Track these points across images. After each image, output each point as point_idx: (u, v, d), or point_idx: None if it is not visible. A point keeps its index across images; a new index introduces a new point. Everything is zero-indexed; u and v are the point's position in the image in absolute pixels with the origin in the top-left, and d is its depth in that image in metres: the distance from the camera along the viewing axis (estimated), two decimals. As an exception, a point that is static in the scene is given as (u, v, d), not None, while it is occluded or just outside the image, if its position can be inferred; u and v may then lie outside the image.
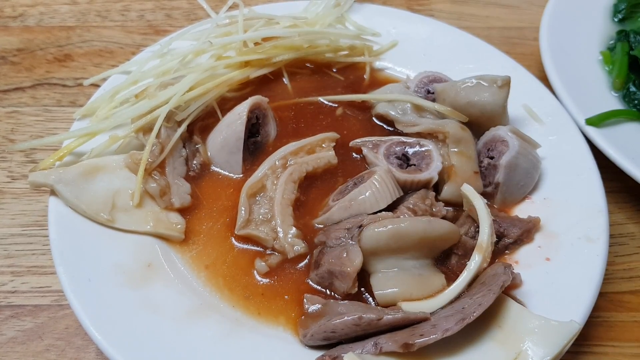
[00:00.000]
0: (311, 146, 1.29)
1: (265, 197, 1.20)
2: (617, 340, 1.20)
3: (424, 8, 1.92)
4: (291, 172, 1.22)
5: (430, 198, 1.19)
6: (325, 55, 1.53)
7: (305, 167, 1.25)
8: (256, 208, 1.19)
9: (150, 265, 1.11)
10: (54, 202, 1.14)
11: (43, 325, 1.17)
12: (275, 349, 1.03)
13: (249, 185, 1.20)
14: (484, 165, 1.26)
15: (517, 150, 1.22)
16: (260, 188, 1.21)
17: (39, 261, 1.26)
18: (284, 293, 1.12)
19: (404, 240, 1.07)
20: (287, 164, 1.24)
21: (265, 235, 1.16)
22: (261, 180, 1.22)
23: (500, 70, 1.44)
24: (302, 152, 1.27)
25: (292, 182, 1.22)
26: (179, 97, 1.26)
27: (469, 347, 0.98)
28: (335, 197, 1.22)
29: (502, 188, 1.23)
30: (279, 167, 1.23)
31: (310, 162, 1.26)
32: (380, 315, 0.99)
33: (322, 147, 1.30)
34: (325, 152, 1.29)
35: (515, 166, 1.22)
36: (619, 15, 1.72)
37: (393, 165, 1.23)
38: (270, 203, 1.19)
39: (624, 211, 1.42)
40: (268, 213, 1.18)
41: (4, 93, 1.58)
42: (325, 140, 1.31)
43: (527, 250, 1.17)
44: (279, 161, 1.24)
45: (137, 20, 1.81)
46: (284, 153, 1.26)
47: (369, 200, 1.15)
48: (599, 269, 1.11)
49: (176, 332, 1.02)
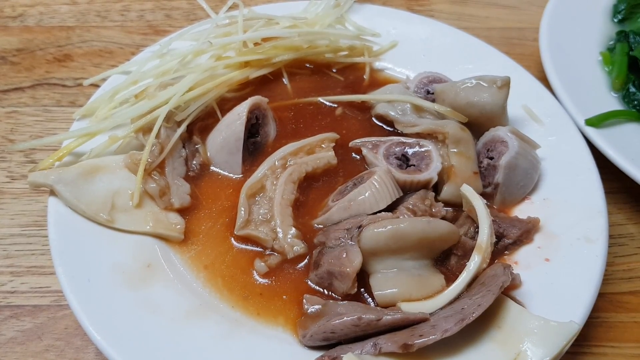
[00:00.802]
0: (310, 147, 1.29)
1: (265, 198, 1.20)
2: (616, 341, 1.20)
3: (424, 8, 1.92)
4: (291, 173, 1.22)
5: (429, 198, 1.19)
6: (325, 56, 1.53)
7: (304, 168, 1.25)
8: (255, 208, 1.19)
9: (150, 265, 1.11)
10: (54, 202, 1.14)
11: (42, 325, 1.17)
12: (275, 349, 1.03)
13: (249, 186, 1.20)
14: (483, 166, 1.26)
15: (516, 151, 1.22)
16: (259, 188, 1.21)
17: (38, 261, 1.26)
18: (283, 293, 1.12)
19: (404, 240, 1.07)
20: (286, 165, 1.24)
21: (265, 235, 1.16)
22: (261, 180, 1.22)
23: (500, 71, 1.43)
24: (302, 152, 1.27)
25: (291, 183, 1.22)
26: (178, 97, 1.26)
27: (468, 348, 0.98)
28: (334, 198, 1.22)
29: (501, 188, 1.23)
30: (279, 168, 1.23)
31: (309, 162, 1.26)
32: (380, 316, 0.99)
33: (321, 147, 1.30)
34: (324, 152, 1.29)
35: (515, 167, 1.22)
36: (619, 16, 1.72)
37: (392, 166, 1.23)
38: (269, 203, 1.19)
39: (623, 212, 1.42)
40: (267, 213, 1.18)
41: (4, 93, 1.58)
42: (324, 141, 1.31)
43: (527, 251, 1.17)
44: (279, 161, 1.24)
45: (137, 21, 1.81)
46: (283, 153, 1.26)
47: (369, 201, 1.15)
48: (599, 270, 1.11)
49: (175, 333, 1.02)
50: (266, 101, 1.35)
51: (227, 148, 1.29)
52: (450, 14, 1.90)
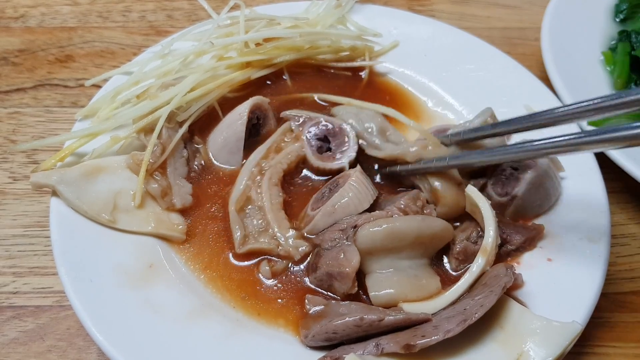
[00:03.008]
0: (276, 144, 1.29)
1: (255, 208, 1.19)
2: (619, 341, 1.20)
3: (425, 9, 1.92)
4: (270, 177, 1.22)
5: (421, 199, 1.18)
6: (327, 56, 1.52)
7: (281, 167, 1.24)
8: (249, 221, 1.18)
9: (152, 266, 1.11)
10: (56, 202, 1.14)
11: (45, 326, 1.17)
12: (277, 349, 1.03)
13: (235, 201, 1.18)
14: (505, 174, 1.22)
15: (544, 169, 1.18)
16: (246, 200, 1.20)
17: (40, 262, 1.26)
18: (285, 293, 1.12)
19: (399, 238, 1.07)
20: (262, 170, 1.23)
21: (268, 245, 1.15)
22: (244, 192, 1.20)
23: (501, 71, 1.44)
24: (271, 153, 1.27)
25: (274, 186, 1.21)
26: (180, 97, 1.26)
27: (470, 348, 0.98)
28: (313, 206, 1.20)
29: (517, 201, 1.19)
30: (257, 175, 1.23)
31: (282, 160, 1.26)
32: (382, 317, 0.99)
33: (285, 141, 1.29)
34: (291, 144, 1.28)
35: (539, 185, 1.19)
36: (621, 16, 1.72)
37: (313, 147, 1.26)
38: (261, 212, 1.18)
39: (625, 211, 1.41)
40: (262, 222, 1.17)
41: (6, 94, 1.58)
42: (285, 134, 1.30)
43: (529, 251, 1.17)
44: (255, 168, 1.23)
45: (139, 21, 1.81)
46: (255, 160, 1.25)
47: (353, 203, 1.15)
48: (601, 270, 1.11)
49: (178, 333, 1.02)
50: (267, 101, 1.35)
51: (228, 147, 1.29)
52: (452, 14, 1.90)
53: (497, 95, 1.44)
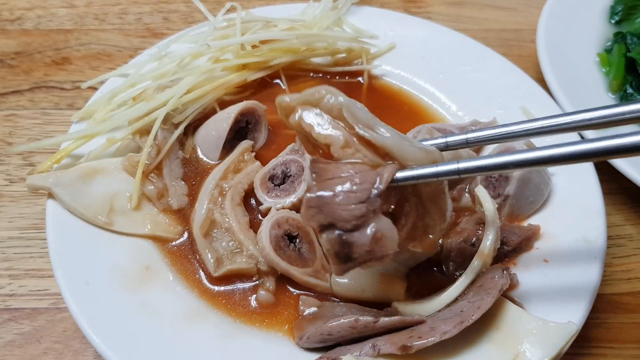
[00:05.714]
0: (234, 164, 1.27)
1: (221, 231, 1.16)
2: (615, 342, 1.20)
3: (421, 10, 1.92)
4: (232, 197, 1.20)
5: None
6: (324, 61, 1.53)
7: (241, 187, 1.23)
8: (218, 244, 1.15)
9: (148, 268, 1.11)
10: (52, 205, 1.14)
11: (41, 328, 1.17)
12: (273, 351, 1.03)
13: (199, 226, 1.15)
14: (494, 176, 1.23)
15: None
16: (210, 224, 1.17)
17: (36, 264, 1.26)
18: (278, 298, 1.12)
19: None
20: (223, 191, 1.22)
21: (247, 264, 1.11)
22: (208, 216, 1.17)
23: (497, 72, 1.44)
24: (230, 173, 1.25)
25: (237, 206, 1.20)
26: (176, 99, 1.26)
27: (466, 349, 0.98)
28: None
29: (511, 201, 1.21)
30: (218, 197, 1.21)
31: (242, 180, 1.24)
32: (377, 318, 0.99)
33: (244, 160, 1.29)
34: (250, 165, 1.28)
35: (528, 180, 1.20)
36: (616, 17, 1.73)
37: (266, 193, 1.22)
38: (229, 233, 1.16)
39: (621, 213, 1.42)
40: (234, 244, 1.15)
41: (2, 96, 1.58)
42: (242, 153, 1.29)
43: (525, 252, 1.17)
44: (215, 190, 1.21)
45: (135, 24, 1.81)
46: (214, 182, 1.22)
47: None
48: (597, 271, 1.11)
49: (174, 335, 1.02)
50: (264, 108, 1.35)
51: (208, 143, 1.30)
52: (448, 16, 1.91)
53: (493, 97, 1.44)
